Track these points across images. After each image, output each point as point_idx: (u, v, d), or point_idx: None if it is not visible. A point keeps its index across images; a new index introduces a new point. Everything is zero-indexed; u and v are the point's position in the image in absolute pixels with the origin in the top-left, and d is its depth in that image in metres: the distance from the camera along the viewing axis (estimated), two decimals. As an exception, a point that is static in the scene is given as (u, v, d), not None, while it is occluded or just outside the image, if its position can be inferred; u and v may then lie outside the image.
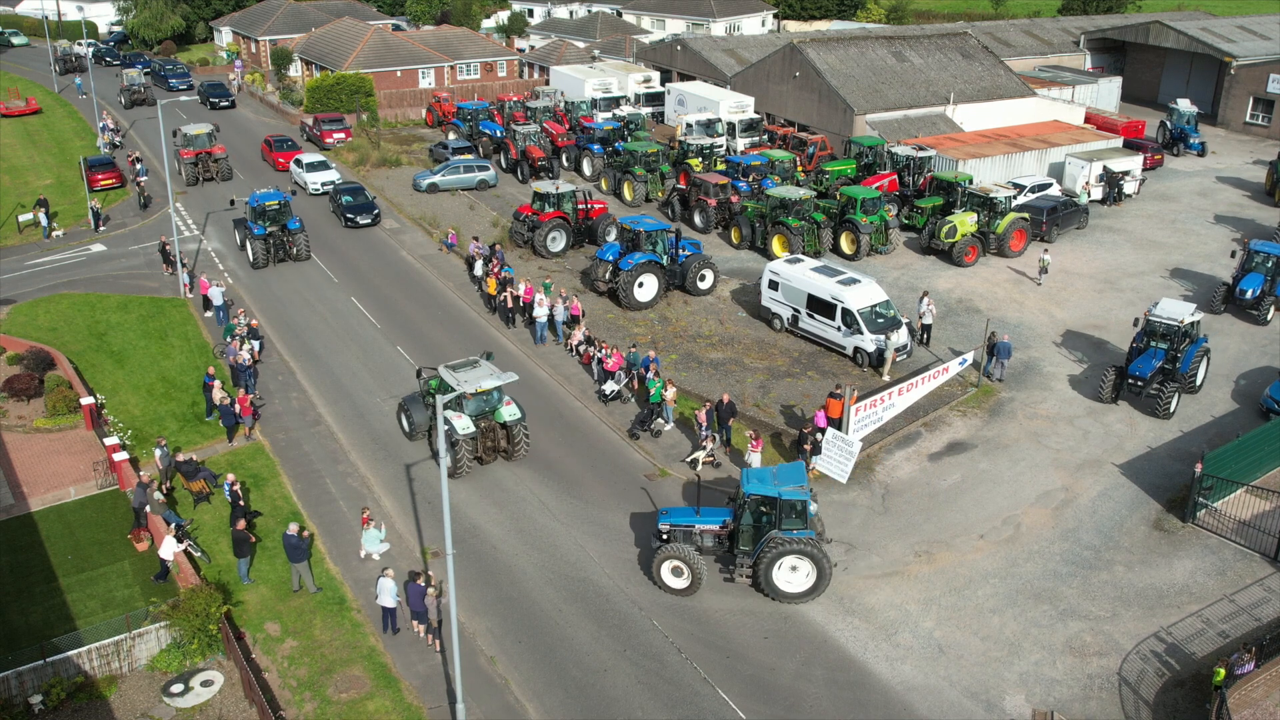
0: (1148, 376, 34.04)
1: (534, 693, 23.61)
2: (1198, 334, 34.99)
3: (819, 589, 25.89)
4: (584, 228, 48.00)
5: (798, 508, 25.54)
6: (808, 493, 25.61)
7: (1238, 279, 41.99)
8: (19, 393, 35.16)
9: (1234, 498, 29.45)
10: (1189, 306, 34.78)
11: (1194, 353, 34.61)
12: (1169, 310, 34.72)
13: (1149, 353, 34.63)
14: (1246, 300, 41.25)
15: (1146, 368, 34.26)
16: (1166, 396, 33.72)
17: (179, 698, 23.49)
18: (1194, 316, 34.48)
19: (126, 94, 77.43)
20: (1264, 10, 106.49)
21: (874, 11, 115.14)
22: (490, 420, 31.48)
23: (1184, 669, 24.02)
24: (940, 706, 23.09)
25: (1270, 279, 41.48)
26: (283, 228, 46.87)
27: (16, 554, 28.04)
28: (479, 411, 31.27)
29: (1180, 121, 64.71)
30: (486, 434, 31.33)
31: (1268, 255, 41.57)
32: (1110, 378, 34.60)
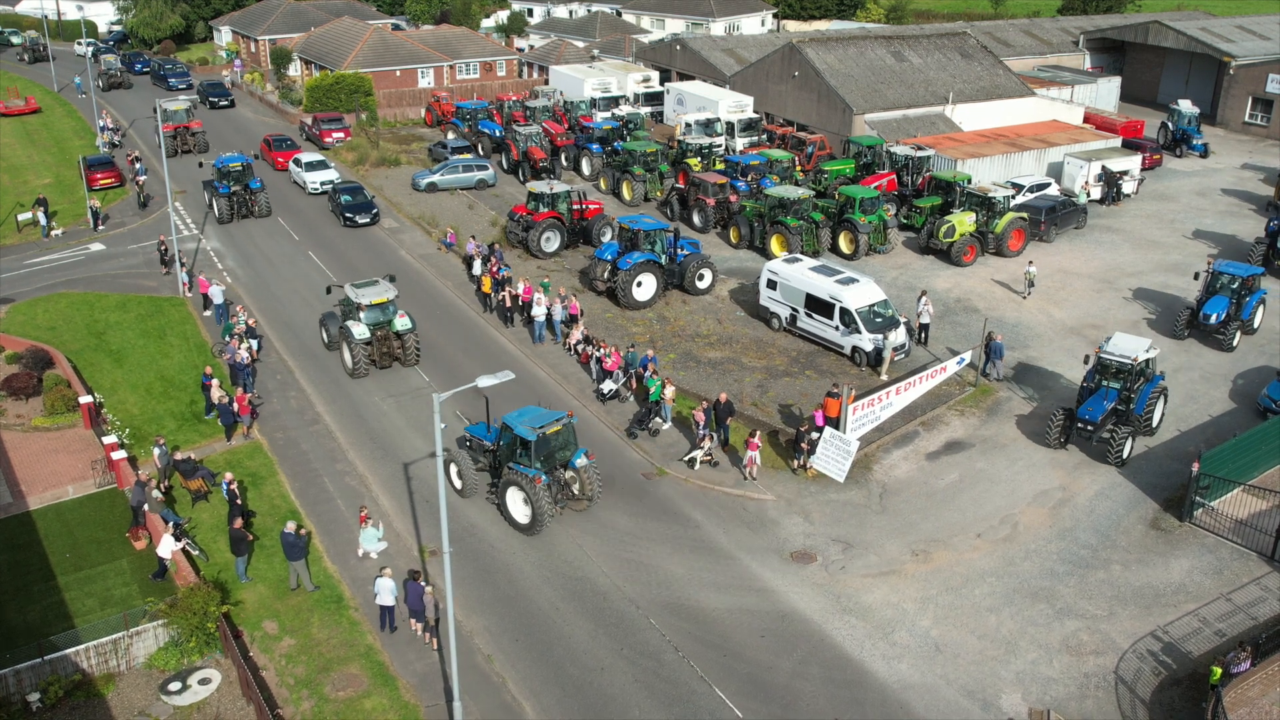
0: (1098, 420, 31.35)
1: (531, 691, 23.64)
2: (1154, 371, 32.55)
3: (533, 528, 28.05)
4: (579, 228, 48.01)
5: (527, 445, 27.63)
6: (535, 435, 27.65)
7: (1201, 302, 39.51)
8: (18, 391, 35.19)
9: (1231, 497, 29.48)
10: (1143, 342, 32.22)
11: (1149, 392, 32.13)
12: (1122, 346, 32.01)
13: (1100, 393, 31.99)
14: (1210, 325, 38.69)
15: (1097, 410, 31.53)
16: (1119, 441, 31.07)
17: (177, 696, 23.52)
18: (1149, 353, 31.87)
19: (104, 78, 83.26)
20: (1263, 10, 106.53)
21: (873, 11, 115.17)
22: (386, 330, 36.82)
23: (1180, 668, 24.05)
24: (937, 705, 23.12)
25: (1235, 302, 39.04)
26: (245, 187, 52.79)
27: (15, 552, 28.08)
28: (375, 322, 36.69)
29: (1182, 123, 64.47)
30: (382, 341, 36.84)
31: (1233, 276, 39.05)
32: (1059, 420, 31.98)
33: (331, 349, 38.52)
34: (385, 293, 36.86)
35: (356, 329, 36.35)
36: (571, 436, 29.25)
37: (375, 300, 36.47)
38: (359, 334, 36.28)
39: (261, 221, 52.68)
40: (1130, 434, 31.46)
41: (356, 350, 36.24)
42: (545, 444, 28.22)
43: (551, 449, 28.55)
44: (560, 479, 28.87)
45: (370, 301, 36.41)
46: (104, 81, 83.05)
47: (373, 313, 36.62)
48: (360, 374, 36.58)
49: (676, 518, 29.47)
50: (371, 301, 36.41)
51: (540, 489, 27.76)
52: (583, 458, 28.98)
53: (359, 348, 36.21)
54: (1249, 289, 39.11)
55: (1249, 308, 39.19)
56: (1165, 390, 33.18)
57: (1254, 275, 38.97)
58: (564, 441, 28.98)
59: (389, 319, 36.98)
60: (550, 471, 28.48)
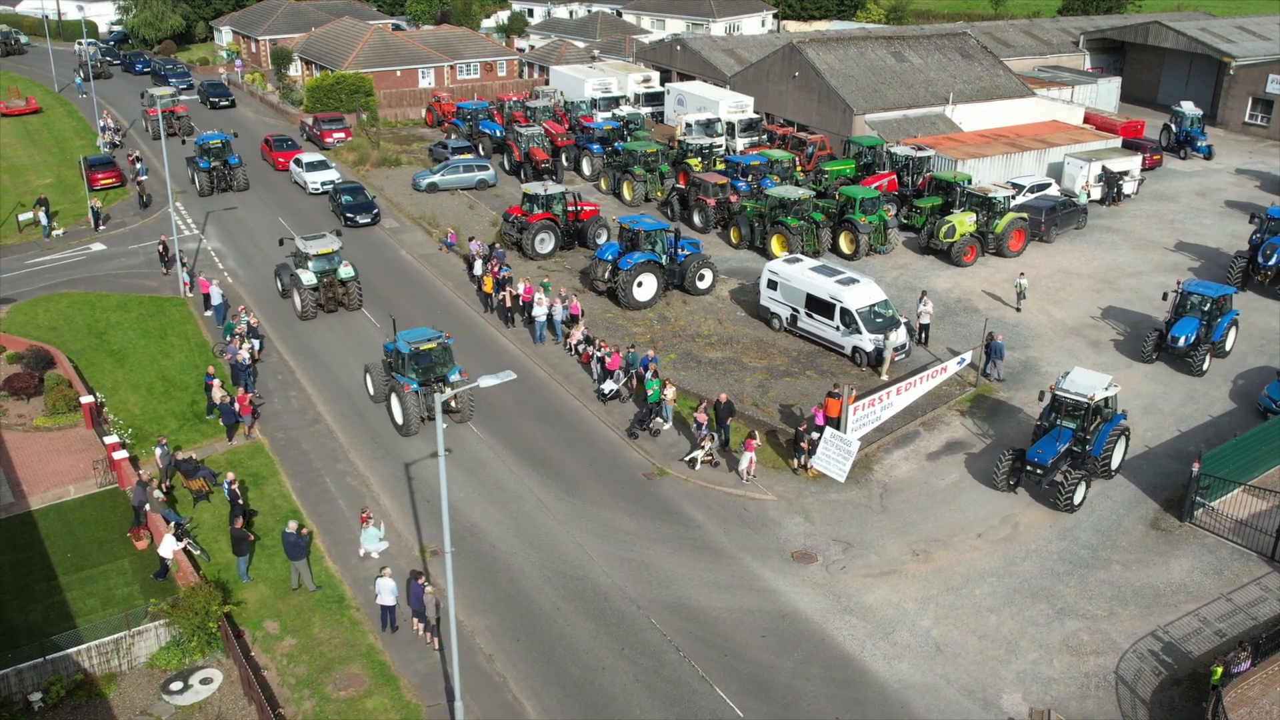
0: (1048, 464, 29.24)
1: (532, 691, 23.67)
2: (1113, 410, 30.46)
3: (405, 430, 32.92)
4: (574, 229, 48.01)
5: (403, 357, 32.48)
6: (410, 349, 32.38)
7: (1170, 323, 37.59)
8: (19, 391, 35.21)
9: (1231, 497, 29.50)
10: (1103, 379, 30.14)
11: (1108, 432, 29.99)
12: (1079, 383, 29.87)
13: (1052, 433, 29.93)
14: (1179, 348, 36.76)
15: (1048, 452, 29.38)
16: (1069, 486, 28.96)
17: (178, 695, 23.55)
18: (1108, 391, 29.78)
19: (85, 68, 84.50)
20: (1263, 10, 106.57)
21: (873, 11, 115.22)
22: (331, 277, 41.60)
23: (1181, 667, 24.08)
24: (938, 705, 23.14)
25: (1206, 324, 37.16)
26: (224, 163, 57.06)
27: (16, 552, 28.11)
28: (321, 270, 41.45)
29: (1185, 125, 64.06)
30: (328, 287, 41.64)
31: (1203, 297, 37.20)
32: (1006, 461, 29.94)
33: (284, 297, 43.10)
34: (331, 244, 41.70)
35: (305, 276, 41.09)
36: (447, 356, 33.43)
37: (321, 250, 41.31)
38: (307, 280, 41.02)
39: (263, 222, 52.72)
40: (1083, 478, 29.20)
41: (305, 295, 41.08)
42: (420, 358, 32.82)
43: (428, 364, 32.98)
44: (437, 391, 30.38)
45: (317, 251, 41.25)
46: (84, 72, 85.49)
47: (319, 261, 41.41)
48: (308, 316, 41.41)
49: (677, 518, 29.51)
50: (318, 251, 41.26)
51: (409, 395, 32.31)
52: (456, 375, 33.07)
53: (307, 293, 41.10)
54: (1220, 310, 37.24)
55: (1220, 329, 37.18)
56: (1127, 430, 30.90)
57: (1225, 295, 37.20)
58: (440, 359, 33.20)
59: (334, 268, 41.76)
60: (426, 384, 32.67)
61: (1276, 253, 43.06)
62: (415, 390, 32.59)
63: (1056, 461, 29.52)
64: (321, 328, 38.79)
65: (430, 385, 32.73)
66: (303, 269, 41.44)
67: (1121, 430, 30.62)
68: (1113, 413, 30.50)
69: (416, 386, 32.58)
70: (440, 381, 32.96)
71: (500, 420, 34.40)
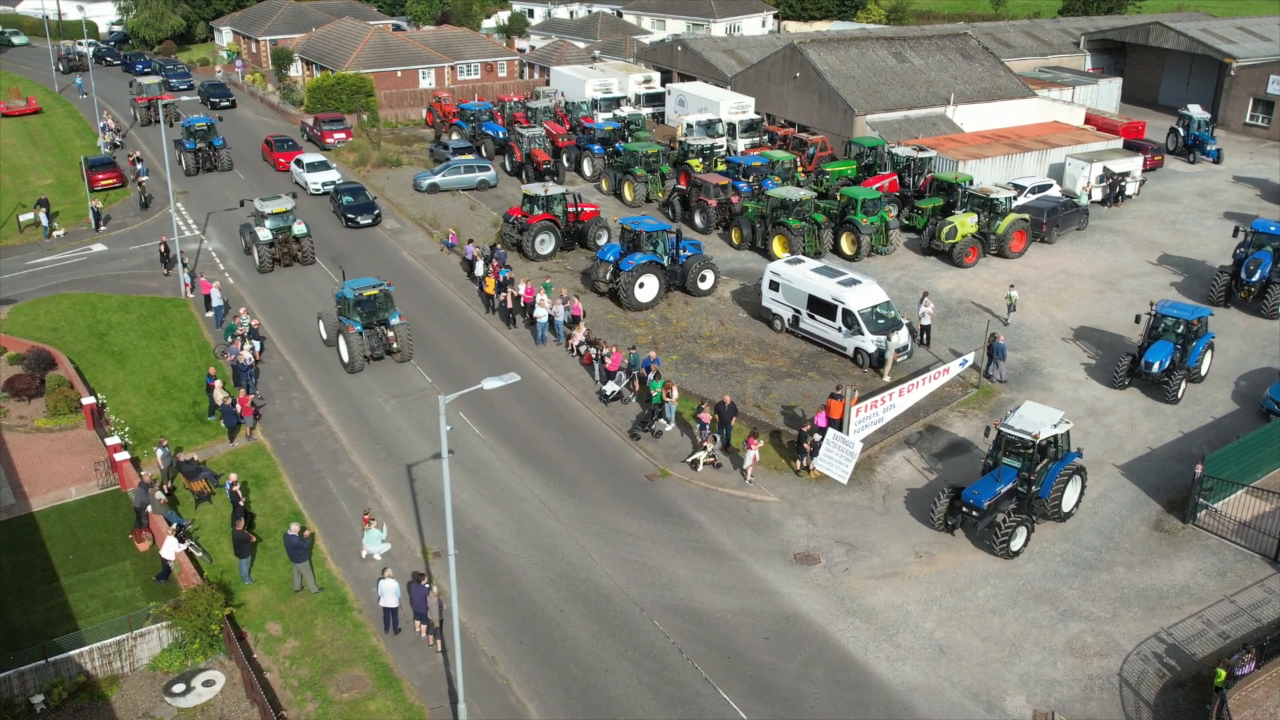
0: (984, 506, 27.35)
1: (535, 693, 23.64)
2: (1063, 450, 28.49)
3: (350, 367, 36.84)
4: (574, 230, 47.98)
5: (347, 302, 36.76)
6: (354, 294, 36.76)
7: (1143, 348, 35.68)
8: (20, 392, 35.18)
9: (1234, 499, 29.49)
10: (1053, 415, 28.20)
11: (1058, 472, 28.08)
12: (1026, 419, 27.96)
13: (994, 473, 28.14)
14: (1153, 374, 34.89)
15: (985, 494, 27.47)
16: (1005, 531, 27.00)
17: (180, 698, 23.51)
18: (1057, 428, 27.92)
19: (64, 61, 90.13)
20: (1264, 11, 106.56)
21: (874, 12, 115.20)
22: (286, 234, 46.01)
23: (1184, 670, 24.05)
24: (941, 707, 23.11)
25: (1181, 348, 35.19)
26: (209, 144, 60.55)
27: (18, 554, 28.06)
28: (277, 227, 45.90)
29: (1194, 128, 63.39)
30: (283, 244, 46.05)
31: (1177, 320, 35.22)
32: (944, 501, 28.18)
33: (247, 254, 47.26)
34: (285, 204, 46.26)
35: (261, 233, 45.75)
36: (388, 301, 37.84)
37: (276, 210, 45.89)
38: (264, 236, 45.65)
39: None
40: (1023, 522, 27.37)
41: (262, 250, 45.56)
42: (363, 303, 37.16)
43: (371, 308, 37.39)
44: (380, 334, 37.34)
45: (272, 211, 45.79)
46: (64, 65, 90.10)
47: (275, 220, 45.95)
48: (265, 269, 45.78)
49: (680, 519, 29.48)
50: (273, 211, 45.82)
51: (353, 335, 36.60)
52: (397, 319, 37.66)
53: (263, 248, 45.57)
54: (1195, 333, 35.37)
55: (1195, 354, 35.26)
56: (1081, 470, 28.85)
57: (1200, 318, 35.39)
58: (381, 304, 37.65)
59: (288, 225, 46.21)
60: (369, 327, 37.18)
61: (1260, 268, 41.29)
62: (359, 331, 36.86)
63: (996, 503, 27.56)
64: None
65: (373, 327, 37.35)
66: (260, 227, 45.87)
67: (1074, 470, 28.46)
68: (1064, 451, 28.46)
69: (360, 328, 36.95)
70: (382, 325, 37.58)
71: (502, 422, 34.37)
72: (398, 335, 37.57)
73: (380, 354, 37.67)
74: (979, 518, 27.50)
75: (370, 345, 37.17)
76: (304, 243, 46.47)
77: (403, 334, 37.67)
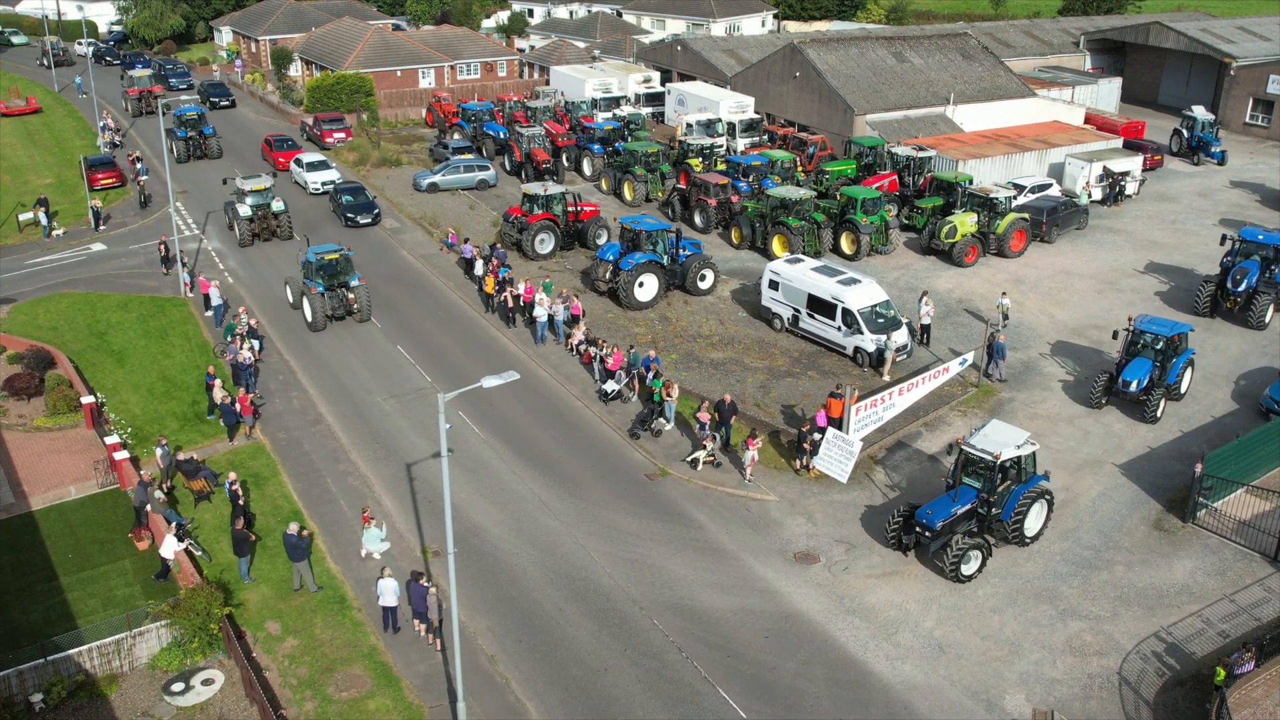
0: (936, 526, 26.38)
1: (534, 692, 23.63)
2: (1028, 472, 27.41)
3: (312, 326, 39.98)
4: (574, 230, 47.97)
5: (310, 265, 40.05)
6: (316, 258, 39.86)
7: (1121, 365, 34.35)
8: (19, 392, 35.16)
9: (1234, 498, 29.48)
10: (1019, 436, 27.29)
11: (1021, 494, 27.11)
12: (990, 438, 27.05)
13: (951, 493, 27.26)
14: (1131, 393, 33.55)
15: (939, 514, 26.55)
16: (957, 552, 26.01)
17: (179, 696, 23.50)
18: (1021, 449, 27.03)
19: (48, 56, 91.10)
20: (1264, 11, 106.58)
21: (874, 12, 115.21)
22: (265, 210, 49.03)
23: (1184, 668, 24.05)
24: (941, 706, 23.11)
25: (1160, 365, 33.94)
26: (199, 132, 63.07)
27: (17, 553, 28.05)
28: (256, 204, 48.96)
29: (1198, 129, 62.88)
30: (262, 219, 49.23)
31: (1156, 336, 33.89)
32: (896, 519, 27.34)
33: (230, 229, 50.29)
34: (264, 182, 49.29)
35: (242, 209, 48.88)
36: (348, 265, 40.85)
37: (255, 187, 48.97)
38: (244, 212, 48.82)
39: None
40: (976, 547, 26.31)
41: (242, 224, 48.76)
42: (325, 266, 40.28)
43: (332, 271, 40.45)
44: (341, 296, 40.53)
45: (251, 188, 48.87)
46: (47, 60, 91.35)
47: (254, 197, 48.98)
48: (245, 243, 48.90)
49: (679, 518, 29.47)
50: (252, 188, 48.87)
51: (315, 296, 39.72)
52: (356, 281, 40.70)
53: (243, 223, 48.77)
54: (1174, 350, 34.18)
55: (1175, 371, 34.04)
56: (1047, 494, 27.76)
57: (1180, 334, 34.09)
58: (342, 267, 40.67)
59: (267, 202, 49.23)
60: (331, 289, 40.25)
61: (1247, 278, 40.03)
62: (321, 293, 40.00)
63: (951, 524, 26.65)
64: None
65: (334, 289, 40.45)
66: (241, 203, 49.02)
67: (1039, 494, 27.41)
68: (1028, 474, 27.43)
69: (322, 290, 40.15)
70: (343, 287, 40.67)
71: (502, 421, 34.37)
72: (357, 296, 40.72)
73: (341, 314, 40.95)
74: (932, 538, 26.56)
75: (332, 306, 40.50)
76: (281, 218, 49.62)
77: (362, 295, 40.79)
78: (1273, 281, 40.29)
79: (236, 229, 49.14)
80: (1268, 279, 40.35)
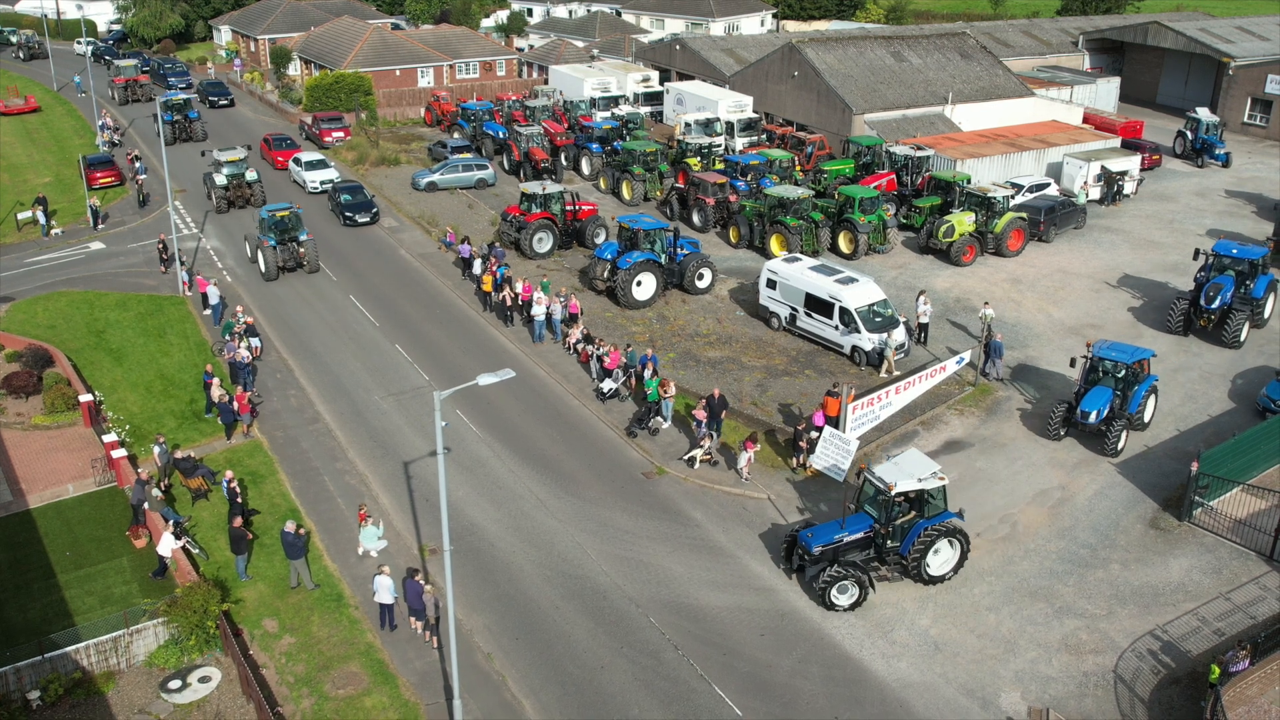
0: (814, 551, 25.36)
1: (531, 689, 23.67)
2: (937, 508, 25.95)
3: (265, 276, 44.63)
4: (572, 229, 48.00)
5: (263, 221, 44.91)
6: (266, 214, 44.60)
7: (1080, 394, 32.45)
8: (17, 390, 35.18)
9: (1230, 496, 29.51)
10: (928, 468, 25.94)
11: (921, 530, 25.59)
12: (897, 469, 25.88)
13: (841, 519, 26.13)
14: (1090, 424, 31.65)
15: (821, 538, 25.61)
16: (825, 581, 25.03)
17: (177, 694, 23.54)
18: (924, 483, 25.58)
19: (24, 50, 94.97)
20: (1263, 11, 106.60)
21: (873, 11, 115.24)
22: (239, 180, 53.21)
23: (1179, 666, 24.09)
24: (936, 704, 23.15)
25: (1121, 394, 32.03)
26: (185, 116, 66.54)
27: (15, 550, 28.09)
28: (231, 174, 53.16)
29: (1202, 131, 62.33)
30: (236, 188, 53.20)
31: (1116, 363, 32.05)
32: (784, 544, 26.68)
33: (208, 199, 54.16)
34: (239, 154, 53.83)
35: (218, 178, 53.27)
36: (298, 221, 45.25)
37: (230, 159, 53.24)
38: (220, 181, 53.12)
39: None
40: (848, 577, 25.06)
41: (218, 193, 52.99)
42: (277, 223, 44.75)
43: (283, 227, 44.90)
44: (291, 249, 44.94)
45: (226, 159, 53.07)
46: (24, 54, 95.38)
47: (229, 167, 53.17)
48: (220, 210, 53.03)
49: (676, 516, 29.51)
50: (228, 159, 53.10)
51: (268, 249, 44.23)
52: (305, 236, 45.20)
53: (219, 191, 52.99)
54: (1136, 377, 32.17)
55: (1137, 399, 32.03)
56: (958, 533, 25.97)
57: (1141, 360, 32.06)
58: (292, 223, 45.06)
59: (241, 172, 53.37)
60: (282, 243, 44.75)
61: (1221, 294, 37.99)
62: (273, 245, 44.48)
63: (835, 551, 25.57)
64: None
65: (285, 243, 44.85)
66: (217, 173, 53.18)
67: (946, 531, 25.69)
68: (937, 509, 25.95)
69: (274, 243, 44.60)
70: (293, 241, 45.09)
71: (499, 419, 34.41)
72: (306, 250, 45.13)
73: (292, 265, 45.35)
74: (810, 562, 25.59)
75: (283, 258, 44.95)
76: (255, 188, 53.50)
77: (310, 248, 45.24)
78: (1248, 298, 38.71)
79: (213, 197, 53.27)
80: (1243, 295, 38.69)
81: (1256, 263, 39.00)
